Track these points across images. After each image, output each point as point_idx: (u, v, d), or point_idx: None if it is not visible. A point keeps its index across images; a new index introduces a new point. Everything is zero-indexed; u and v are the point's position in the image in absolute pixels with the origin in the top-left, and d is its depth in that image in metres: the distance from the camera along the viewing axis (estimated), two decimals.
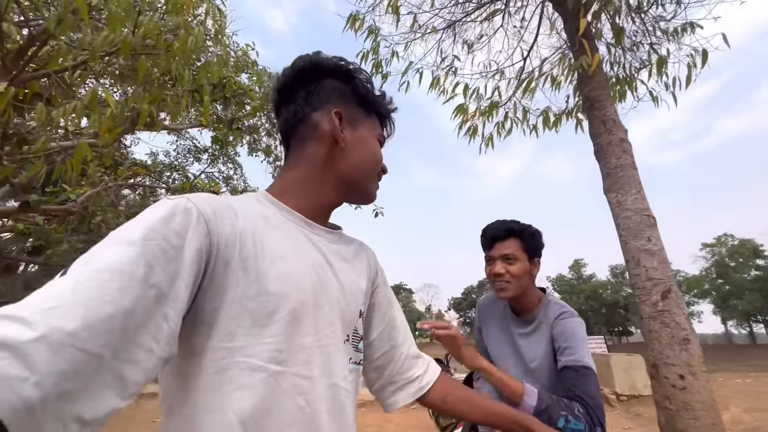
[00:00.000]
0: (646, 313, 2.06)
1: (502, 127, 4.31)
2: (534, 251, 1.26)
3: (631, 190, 2.30)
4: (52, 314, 0.33)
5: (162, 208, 0.45)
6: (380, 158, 0.69)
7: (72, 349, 0.32)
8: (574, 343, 1.10)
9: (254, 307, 0.49)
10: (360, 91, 0.67)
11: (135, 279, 0.39)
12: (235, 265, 0.49)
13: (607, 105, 2.56)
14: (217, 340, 0.47)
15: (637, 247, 2.17)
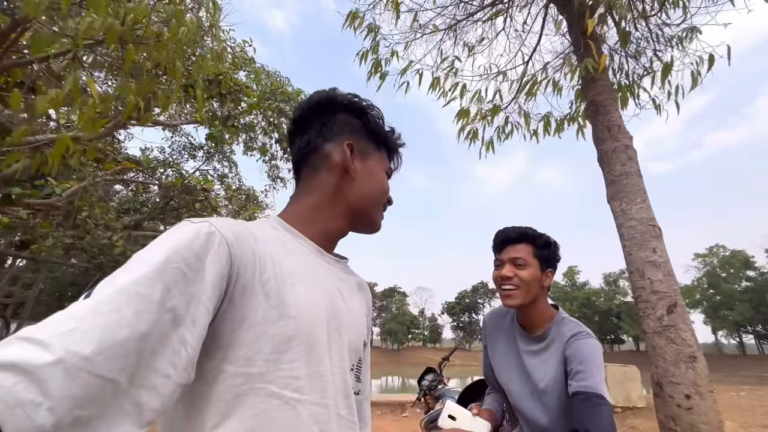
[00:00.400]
0: (650, 328, 1.97)
1: (502, 131, 4.24)
2: (547, 261, 1.17)
3: (636, 198, 2.21)
4: (69, 338, 0.33)
5: (184, 232, 0.46)
6: (387, 190, 0.71)
7: (87, 375, 0.32)
8: (589, 367, 1.00)
9: (275, 332, 0.49)
10: (371, 126, 0.70)
11: (152, 302, 0.39)
12: (256, 289, 0.49)
13: (612, 110, 2.48)
14: (235, 365, 0.46)
15: (642, 259, 2.08)
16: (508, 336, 1.25)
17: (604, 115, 2.48)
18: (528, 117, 3.90)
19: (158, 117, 8.68)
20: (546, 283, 1.17)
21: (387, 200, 0.72)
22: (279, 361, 0.49)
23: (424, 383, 3.36)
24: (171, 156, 13.83)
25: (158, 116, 8.47)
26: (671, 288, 1.99)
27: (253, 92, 6.99)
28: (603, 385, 0.97)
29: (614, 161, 2.33)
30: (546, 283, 1.17)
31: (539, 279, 1.14)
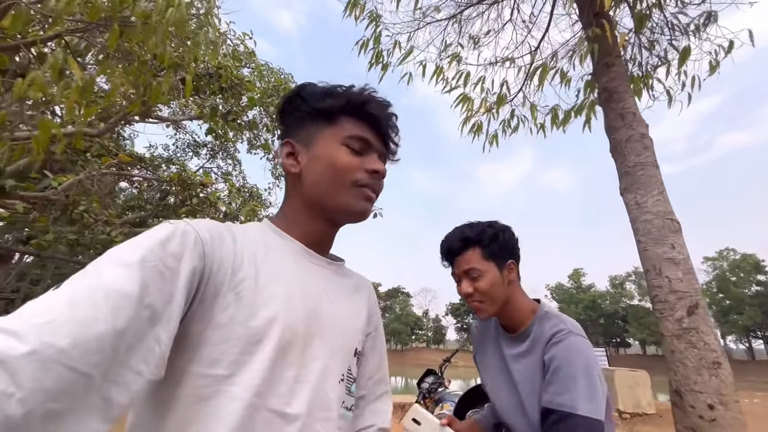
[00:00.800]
0: (668, 331, 1.81)
1: (508, 125, 4.08)
2: (501, 255, 1.01)
3: (653, 190, 2.05)
4: (45, 329, 0.33)
5: (161, 231, 0.46)
6: (343, 164, 0.60)
7: (61, 367, 0.32)
8: (564, 377, 0.83)
9: (242, 333, 0.48)
10: (309, 103, 0.63)
11: (130, 299, 0.38)
12: (228, 289, 0.49)
13: (626, 97, 2.31)
14: (200, 366, 0.46)
15: (659, 255, 1.92)
16: (493, 342, 1.11)
17: (617, 102, 2.32)
18: (535, 108, 3.73)
19: (158, 112, 8.63)
20: (511, 277, 1.02)
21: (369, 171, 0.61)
22: (245, 363, 0.47)
23: (424, 386, 3.22)
24: (175, 154, 13.84)
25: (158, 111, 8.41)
26: (692, 287, 1.82)
27: (256, 87, 6.89)
28: (581, 399, 0.79)
29: (629, 151, 2.17)
30: (511, 278, 1.02)
31: (501, 279, 1.00)
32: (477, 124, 4.03)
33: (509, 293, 1.01)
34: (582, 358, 0.85)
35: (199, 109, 7.44)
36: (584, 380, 0.81)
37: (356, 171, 0.60)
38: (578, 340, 0.88)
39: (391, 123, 0.65)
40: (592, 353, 0.87)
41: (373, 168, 0.61)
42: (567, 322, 0.94)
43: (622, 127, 2.24)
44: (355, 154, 0.61)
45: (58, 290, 0.37)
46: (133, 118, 7.78)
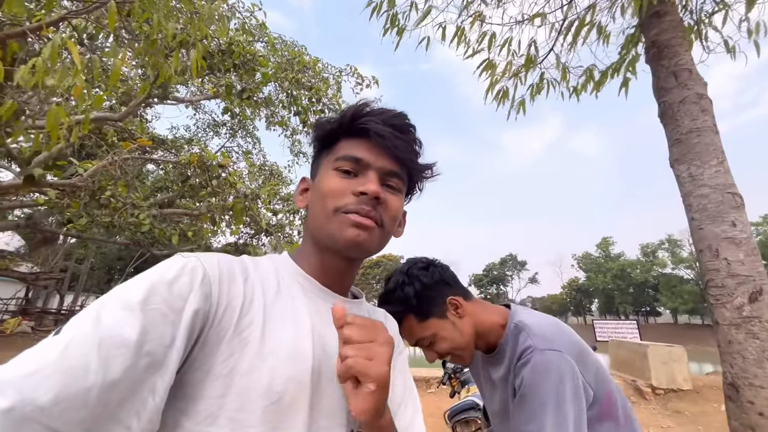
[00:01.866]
0: (725, 319, 1.62)
1: (536, 90, 3.74)
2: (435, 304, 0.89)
3: (711, 160, 1.79)
4: (27, 383, 0.31)
5: (170, 269, 0.43)
6: (330, 189, 0.55)
7: (39, 426, 0.30)
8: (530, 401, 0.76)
9: (243, 385, 0.42)
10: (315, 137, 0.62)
11: (127, 347, 0.36)
12: (231, 334, 0.44)
13: (681, 51, 2.00)
14: (194, 421, 0.41)
15: (717, 234, 1.69)
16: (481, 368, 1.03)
17: (669, 58, 2.01)
18: (567, 70, 3.38)
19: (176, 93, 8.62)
20: (460, 314, 0.90)
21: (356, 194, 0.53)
22: (244, 422, 0.42)
23: (448, 365, 3.17)
24: (196, 134, 14.01)
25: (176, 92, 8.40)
26: (755, 270, 1.60)
27: (269, 63, 6.69)
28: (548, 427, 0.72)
29: (682, 115, 1.89)
30: (461, 314, 0.90)
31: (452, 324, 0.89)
32: (503, 90, 3.72)
33: (471, 325, 0.90)
34: (550, 378, 0.76)
35: (214, 88, 7.36)
36: (552, 405, 0.74)
37: (340, 196, 0.54)
38: (544, 357, 0.78)
39: (401, 135, 0.56)
40: (564, 365, 0.77)
41: (359, 189, 0.53)
42: (534, 334, 0.82)
43: (675, 88, 1.95)
44: (345, 176, 0.55)
45: (57, 335, 0.35)
46: (153, 100, 7.81)
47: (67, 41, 1.87)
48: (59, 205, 5.36)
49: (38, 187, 4.32)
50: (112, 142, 6.17)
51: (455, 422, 2.43)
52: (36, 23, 2.55)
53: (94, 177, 4.71)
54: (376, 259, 60.94)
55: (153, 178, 11.83)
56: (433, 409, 4.69)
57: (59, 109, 2.18)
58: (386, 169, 0.56)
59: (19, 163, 4.21)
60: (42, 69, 1.90)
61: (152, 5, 2.31)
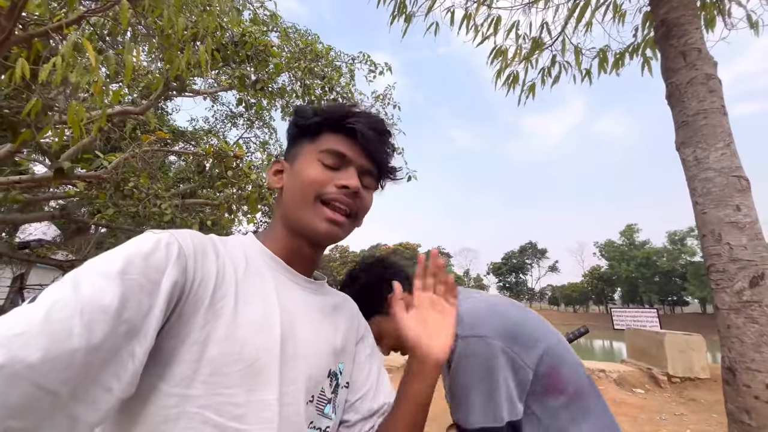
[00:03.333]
0: (725, 303, 1.60)
1: (548, 73, 3.66)
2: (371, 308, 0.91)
3: (717, 143, 1.74)
4: (16, 342, 0.32)
5: (145, 243, 0.45)
6: (312, 179, 0.59)
7: (27, 384, 0.31)
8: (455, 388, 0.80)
9: (218, 352, 0.46)
10: (297, 123, 0.65)
11: (107, 313, 0.38)
12: (206, 305, 0.48)
13: (691, 30, 1.93)
14: (170, 384, 0.44)
15: (720, 219, 1.66)
16: None
17: (678, 37, 1.94)
18: (579, 52, 3.29)
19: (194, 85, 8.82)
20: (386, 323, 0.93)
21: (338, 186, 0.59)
22: (219, 384, 0.45)
23: None
24: (214, 126, 14.32)
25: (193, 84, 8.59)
26: (758, 255, 1.57)
27: (281, 52, 6.75)
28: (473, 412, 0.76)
29: (690, 96, 1.84)
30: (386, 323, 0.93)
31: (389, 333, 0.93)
32: (513, 74, 3.66)
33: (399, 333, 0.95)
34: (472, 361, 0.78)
35: (229, 80, 7.50)
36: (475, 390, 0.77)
37: (323, 185, 0.59)
38: (466, 343, 0.79)
39: (381, 139, 0.63)
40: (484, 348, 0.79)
41: (342, 183, 0.59)
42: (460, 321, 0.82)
43: (683, 68, 1.89)
44: (328, 169, 0.60)
45: (34, 302, 0.36)
46: (172, 93, 8.03)
47: (83, 40, 1.98)
48: (88, 196, 5.67)
49: (68, 179, 4.58)
50: (134, 135, 6.43)
51: None
52: (57, 22, 2.68)
53: (118, 169, 4.95)
54: (393, 248, 61.16)
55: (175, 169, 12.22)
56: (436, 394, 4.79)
57: (78, 105, 2.31)
58: (364, 168, 0.63)
59: (50, 157, 4.48)
60: (61, 67, 2.02)
61: (161, 1, 2.39)
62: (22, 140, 3.10)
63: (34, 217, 8.08)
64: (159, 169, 7.33)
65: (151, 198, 6.09)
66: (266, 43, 6.07)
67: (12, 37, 2.52)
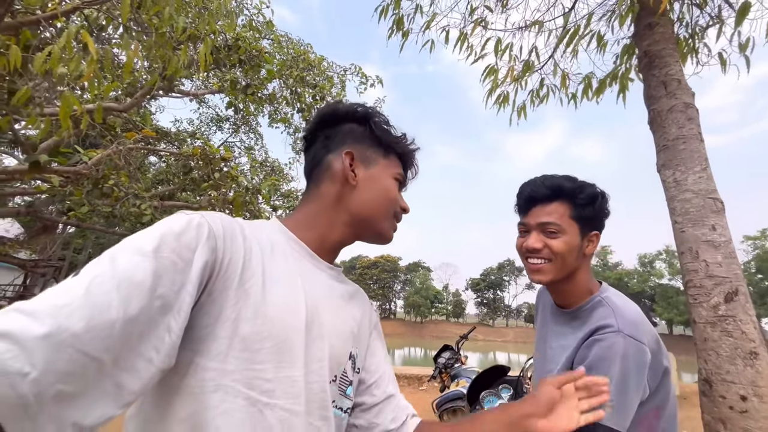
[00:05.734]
0: (701, 317, 1.70)
1: (536, 95, 3.83)
2: (591, 221, 0.89)
3: (695, 167, 1.87)
4: (61, 313, 0.34)
5: (177, 223, 0.47)
6: (394, 197, 0.69)
7: (73, 350, 0.34)
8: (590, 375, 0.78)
9: (248, 329, 0.48)
10: (375, 132, 0.69)
11: (142, 289, 0.40)
12: (236, 284, 0.50)
13: (671, 62, 2.08)
14: (207, 358, 0.46)
15: (697, 237, 1.77)
16: (545, 312, 1.04)
17: (660, 68, 2.09)
18: (566, 77, 3.47)
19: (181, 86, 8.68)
20: (589, 250, 0.90)
21: (401, 208, 0.71)
22: (250, 360, 0.48)
23: (440, 361, 3.26)
24: (199, 128, 14.06)
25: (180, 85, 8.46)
26: (732, 272, 1.68)
27: (274, 59, 6.78)
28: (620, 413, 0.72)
29: (670, 123, 1.97)
30: (589, 251, 0.90)
31: (579, 247, 0.88)
32: (503, 95, 3.81)
33: (579, 266, 0.90)
34: (623, 364, 0.74)
35: (219, 82, 7.44)
36: (618, 389, 0.73)
37: (397, 204, 0.70)
38: (624, 342, 0.76)
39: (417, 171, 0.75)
40: (640, 357, 0.76)
41: (405, 207, 0.72)
42: (621, 315, 0.81)
43: (664, 97, 2.03)
44: (398, 187, 0.71)
45: (76, 276, 0.39)
46: (158, 92, 7.89)
47: (82, 32, 1.95)
48: (62, 193, 5.43)
49: (43, 173, 4.39)
50: (116, 132, 6.25)
51: (442, 411, 2.51)
52: (51, 12, 2.62)
53: (98, 165, 4.78)
54: (374, 260, 60.99)
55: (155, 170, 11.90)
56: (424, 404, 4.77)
57: (72, 97, 2.25)
58: None
59: (25, 150, 4.28)
60: (57, 57, 1.97)
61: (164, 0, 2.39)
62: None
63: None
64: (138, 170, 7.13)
65: (130, 198, 5.89)
66: (260, 48, 6.09)
67: (1, 23, 2.44)
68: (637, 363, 0.76)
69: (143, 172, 10.30)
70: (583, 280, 0.92)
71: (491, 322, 63.24)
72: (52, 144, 5.68)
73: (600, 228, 0.92)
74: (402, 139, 0.71)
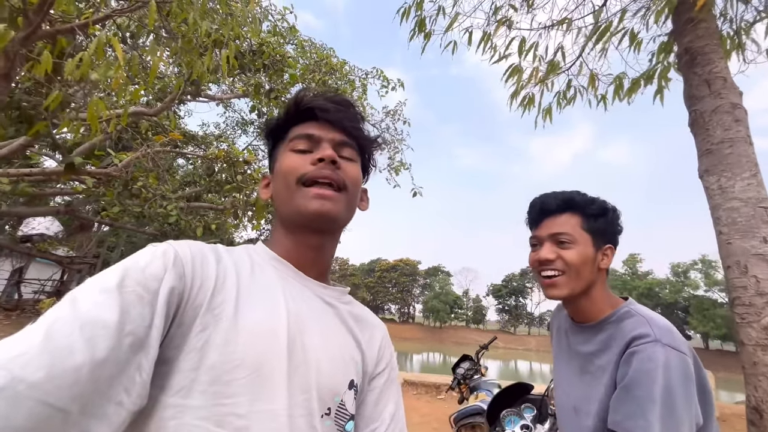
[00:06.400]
0: (751, 339, 1.54)
1: (563, 96, 3.68)
2: (604, 234, 0.87)
3: (743, 173, 1.71)
4: (16, 363, 0.31)
5: (142, 256, 0.45)
6: (289, 166, 0.58)
7: (33, 403, 0.31)
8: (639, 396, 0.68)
9: (216, 358, 0.44)
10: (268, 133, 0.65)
11: (108, 328, 0.37)
12: (205, 310, 0.46)
13: (715, 59, 1.93)
14: (168, 394, 0.42)
15: (746, 250, 1.62)
16: (560, 335, 0.99)
17: (703, 66, 1.94)
18: (595, 78, 3.31)
19: (208, 91, 8.95)
20: (604, 264, 0.87)
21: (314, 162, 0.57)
22: (219, 394, 0.43)
23: (459, 371, 3.14)
24: (225, 131, 14.49)
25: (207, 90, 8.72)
26: None
27: (298, 64, 6.87)
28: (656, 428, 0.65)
29: (714, 124, 1.82)
30: (604, 264, 0.87)
31: (593, 259, 0.85)
32: (528, 96, 3.68)
33: (595, 281, 0.86)
34: (667, 375, 0.68)
35: (244, 87, 7.62)
36: (664, 405, 0.66)
37: (300, 168, 0.57)
38: (666, 352, 0.70)
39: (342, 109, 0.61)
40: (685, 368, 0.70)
41: (316, 156, 0.57)
42: (656, 324, 0.76)
43: (708, 96, 1.88)
44: (301, 153, 0.59)
45: (34, 324, 0.36)
46: (186, 97, 8.16)
47: (111, 38, 2.00)
48: (95, 193, 5.68)
49: (78, 174, 4.60)
50: (146, 135, 6.50)
51: (460, 426, 2.41)
52: (84, 20, 2.73)
53: (128, 167, 4.97)
54: (393, 263, 60.86)
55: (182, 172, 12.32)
56: (441, 414, 4.65)
57: (99, 102, 2.32)
58: (337, 140, 0.60)
59: (62, 153, 4.51)
60: (87, 63, 2.03)
61: (189, 5, 2.43)
62: (36, 131, 3.11)
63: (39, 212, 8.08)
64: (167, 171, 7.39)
65: (157, 199, 6.09)
66: (284, 53, 6.19)
67: (39, 31, 2.56)
68: (682, 375, 0.69)
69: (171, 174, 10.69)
70: (601, 295, 0.88)
71: (513, 329, 61.75)
72: (87, 147, 5.96)
73: (614, 242, 0.91)
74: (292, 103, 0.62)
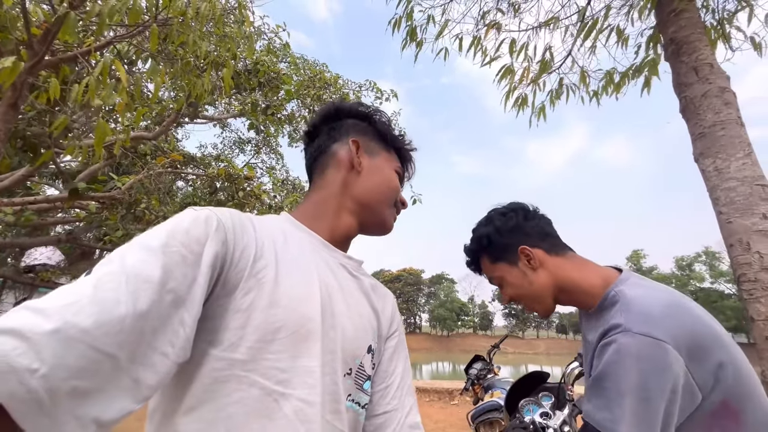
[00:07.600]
0: (760, 314, 1.56)
1: (556, 95, 3.75)
2: (506, 249, 0.90)
3: (737, 153, 1.76)
4: (69, 310, 0.34)
5: (185, 218, 0.48)
6: (396, 187, 0.72)
7: (84, 346, 0.33)
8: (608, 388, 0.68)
9: (262, 319, 0.48)
10: (378, 127, 0.73)
11: (151, 283, 0.40)
12: (248, 274, 0.49)
13: (701, 47, 1.99)
14: (220, 348, 0.46)
15: (747, 227, 1.65)
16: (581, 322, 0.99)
17: (689, 54, 2.00)
18: (585, 74, 3.39)
19: (205, 112, 9.09)
20: (535, 262, 0.87)
21: (400, 202, 0.73)
22: (264, 350, 0.47)
23: (472, 372, 3.13)
24: (223, 151, 14.63)
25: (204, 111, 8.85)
26: None
27: (292, 80, 7.00)
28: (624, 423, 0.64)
29: (705, 108, 1.87)
30: (533, 264, 0.87)
31: (523, 274, 0.88)
32: (521, 97, 3.75)
33: (547, 278, 0.86)
34: (637, 366, 0.65)
35: (240, 106, 7.75)
36: (634, 398, 0.64)
37: (398, 194, 0.73)
38: (635, 342, 0.66)
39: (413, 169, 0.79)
40: (660, 355, 0.65)
41: (404, 201, 0.75)
42: (630, 311, 0.71)
43: (696, 82, 1.94)
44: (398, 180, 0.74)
45: (86, 276, 0.39)
46: (184, 119, 8.29)
47: (115, 60, 2.07)
48: (98, 218, 5.72)
49: (81, 200, 4.66)
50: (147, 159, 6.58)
51: (479, 423, 2.39)
52: (86, 48, 2.81)
53: (131, 190, 5.03)
54: (396, 273, 60.55)
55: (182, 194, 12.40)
56: (455, 419, 4.59)
57: (105, 124, 2.38)
58: None
59: (65, 179, 4.57)
60: (93, 87, 2.10)
61: (188, 28, 2.51)
62: (43, 161, 3.16)
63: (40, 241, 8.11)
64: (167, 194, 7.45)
65: (160, 220, 6.13)
66: (278, 71, 6.31)
67: (43, 61, 2.63)
68: (655, 365, 0.65)
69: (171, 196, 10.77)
70: (572, 281, 0.86)
71: (521, 333, 61.12)
72: (89, 173, 6.02)
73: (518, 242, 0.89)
74: (402, 137, 0.75)
